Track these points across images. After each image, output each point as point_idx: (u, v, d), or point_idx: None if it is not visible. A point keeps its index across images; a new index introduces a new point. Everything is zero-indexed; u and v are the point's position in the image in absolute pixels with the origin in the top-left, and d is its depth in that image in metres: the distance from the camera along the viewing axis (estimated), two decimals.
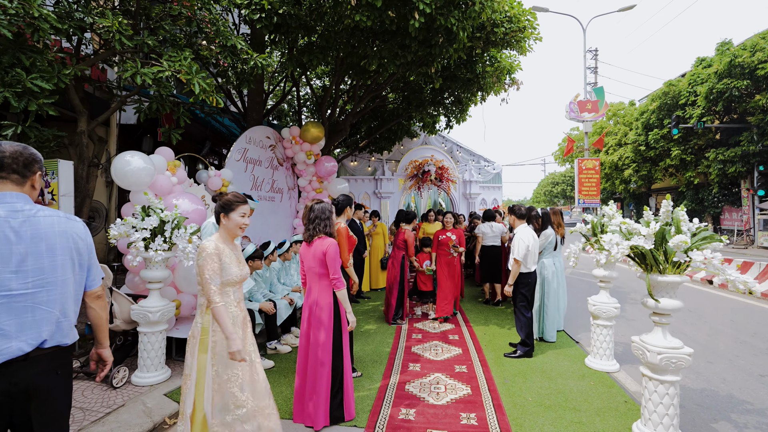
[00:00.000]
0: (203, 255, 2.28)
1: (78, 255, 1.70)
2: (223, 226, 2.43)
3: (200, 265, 2.27)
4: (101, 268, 3.60)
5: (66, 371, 1.68)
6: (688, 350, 2.70)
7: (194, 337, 2.33)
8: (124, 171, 3.80)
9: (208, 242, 2.33)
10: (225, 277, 2.33)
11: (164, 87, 4.20)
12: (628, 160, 23.18)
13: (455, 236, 6.10)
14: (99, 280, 1.82)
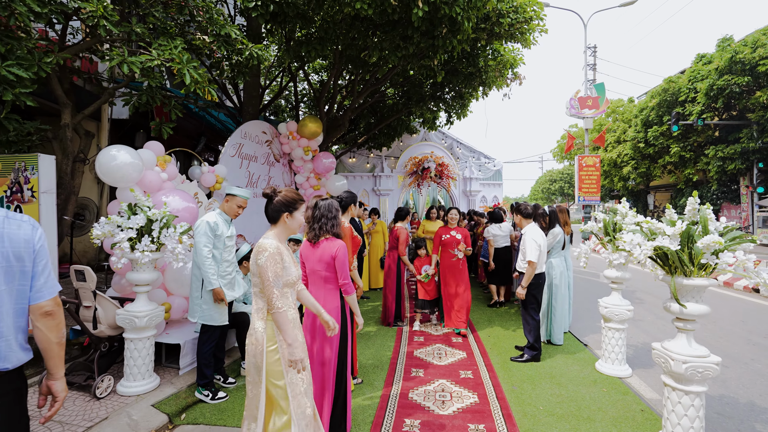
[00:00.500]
0: (265, 255, 2.11)
1: (17, 261, 1.44)
2: (285, 225, 2.29)
3: (262, 266, 2.10)
4: (87, 272, 3.38)
5: (9, 399, 1.43)
6: (716, 359, 2.52)
7: (257, 344, 2.14)
8: (110, 166, 3.57)
9: (269, 241, 2.17)
10: (285, 277, 2.20)
11: (154, 78, 3.96)
12: (627, 157, 23.07)
13: (461, 235, 5.16)
14: (48, 292, 1.52)
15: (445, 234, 5.21)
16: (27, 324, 1.50)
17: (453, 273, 5.18)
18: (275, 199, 2.27)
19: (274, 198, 2.28)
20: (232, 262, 3.64)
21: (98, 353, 3.42)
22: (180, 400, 3.34)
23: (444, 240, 5.20)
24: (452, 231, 5.20)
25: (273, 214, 2.28)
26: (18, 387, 1.47)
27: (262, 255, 2.12)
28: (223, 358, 3.80)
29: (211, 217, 3.45)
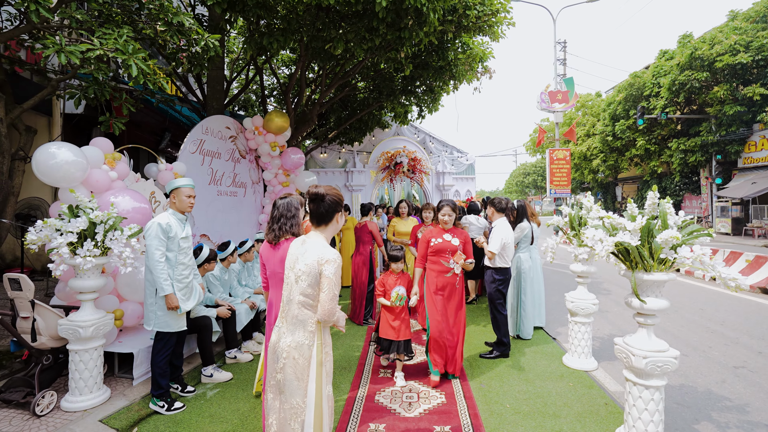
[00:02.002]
0: (334, 267, 1.95)
1: None
2: (336, 225, 2.15)
3: (330, 278, 1.92)
4: (23, 281, 3.11)
5: None
6: (674, 353, 2.54)
7: (302, 357, 1.96)
8: (48, 165, 3.28)
9: (331, 252, 1.99)
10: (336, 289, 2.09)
11: (99, 69, 3.68)
12: (596, 150, 23.72)
13: (460, 240, 3.66)
14: None
15: (436, 238, 3.67)
16: None
17: (448, 295, 3.63)
18: (327, 197, 2.08)
19: (326, 197, 2.09)
20: (189, 265, 3.43)
21: (39, 367, 3.16)
22: (132, 413, 3.13)
23: (434, 247, 3.64)
24: (446, 234, 3.70)
25: (328, 213, 2.10)
26: None
27: (331, 266, 1.93)
28: (180, 365, 3.60)
29: (163, 218, 3.24)
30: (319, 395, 1.94)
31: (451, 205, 3.73)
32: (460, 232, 3.76)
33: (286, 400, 1.96)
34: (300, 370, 1.94)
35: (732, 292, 2.34)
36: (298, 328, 1.99)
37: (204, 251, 4.13)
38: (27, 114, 6.34)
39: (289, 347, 1.97)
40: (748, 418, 3.06)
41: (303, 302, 1.98)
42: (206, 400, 3.41)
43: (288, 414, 1.95)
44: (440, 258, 3.64)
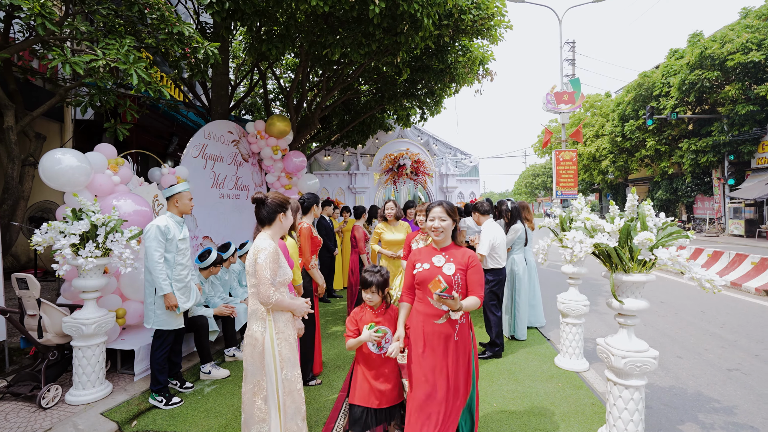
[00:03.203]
0: (264, 254, 2.16)
1: None
2: (280, 224, 2.39)
3: (261, 264, 2.14)
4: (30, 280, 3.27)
5: None
6: (654, 353, 2.57)
7: (256, 344, 2.22)
8: (54, 170, 3.45)
9: (267, 242, 2.22)
10: (281, 276, 2.27)
11: (102, 78, 3.85)
12: (605, 151, 23.47)
13: (457, 267, 2.28)
14: None
15: (422, 262, 2.36)
16: None
17: (441, 352, 2.27)
18: (268, 201, 2.36)
19: (267, 200, 2.36)
20: (187, 265, 3.57)
21: (46, 362, 3.32)
22: (132, 406, 3.27)
23: (419, 275, 2.33)
24: (437, 256, 2.35)
25: (269, 216, 2.36)
26: None
27: (262, 254, 2.17)
28: (179, 362, 3.74)
29: (162, 220, 3.38)
30: (276, 377, 2.19)
31: (446, 207, 2.33)
32: (461, 253, 2.32)
33: (249, 381, 2.22)
34: (257, 354, 2.19)
35: (714, 292, 2.36)
36: (253, 318, 2.25)
37: (212, 255, 4.27)
38: (40, 120, 6.60)
39: (247, 335, 2.26)
40: (735, 419, 3.06)
41: (252, 293, 2.23)
42: (203, 395, 3.54)
43: (250, 392, 2.21)
44: (426, 293, 2.26)
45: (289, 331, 2.29)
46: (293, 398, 2.26)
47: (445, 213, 2.33)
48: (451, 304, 2.04)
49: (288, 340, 2.26)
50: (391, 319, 2.59)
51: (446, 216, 2.33)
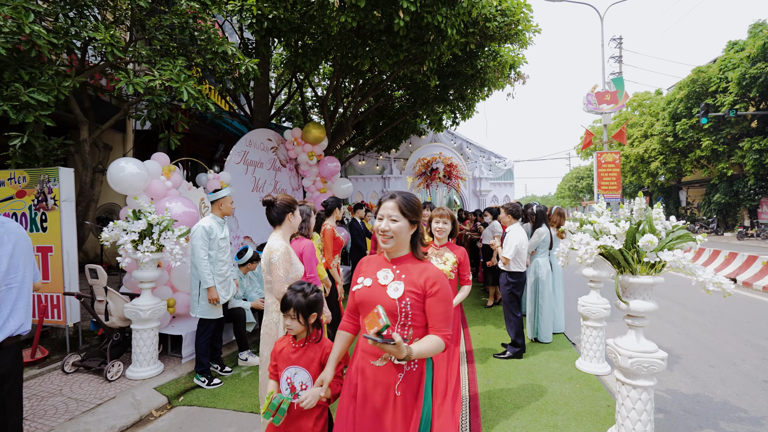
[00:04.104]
0: (277, 254, 2.41)
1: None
2: (290, 224, 2.63)
3: (275, 264, 2.40)
4: (99, 271, 3.82)
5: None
6: (662, 354, 2.60)
7: (272, 333, 2.49)
8: (119, 177, 4.00)
9: (279, 242, 2.47)
10: (293, 273, 2.51)
11: (158, 96, 4.39)
12: (654, 152, 22.17)
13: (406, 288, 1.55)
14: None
15: (365, 276, 1.68)
16: None
17: (373, 409, 1.56)
18: (277, 202, 2.61)
19: (276, 202, 2.62)
20: (227, 261, 3.99)
21: (111, 342, 3.85)
22: (180, 384, 3.71)
23: (359, 293, 1.66)
24: (383, 270, 1.64)
25: (279, 216, 2.61)
26: None
27: (275, 254, 2.42)
28: (220, 348, 4.17)
29: (206, 221, 3.81)
30: None
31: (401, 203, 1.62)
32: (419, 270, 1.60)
33: (263, 366, 2.46)
34: (272, 342, 2.44)
35: (724, 296, 2.36)
36: (269, 311, 2.52)
37: (248, 252, 4.69)
38: (107, 132, 7.46)
39: (264, 325, 2.52)
40: (760, 430, 2.98)
41: (268, 289, 2.48)
42: (240, 379, 3.93)
43: (264, 375, 2.43)
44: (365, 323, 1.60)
45: None
46: None
47: (399, 211, 1.58)
48: (393, 351, 1.37)
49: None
50: (317, 357, 1.92)
51: (399, 215, 1.58)
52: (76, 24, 4.05)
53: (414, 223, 1.65)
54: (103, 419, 3.07)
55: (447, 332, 1.54)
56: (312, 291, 1.98)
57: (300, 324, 1.93)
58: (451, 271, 2.88)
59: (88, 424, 2.98)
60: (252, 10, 4.89)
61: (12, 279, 1.78)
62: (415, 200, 1.68)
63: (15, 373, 1.81)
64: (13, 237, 1.80)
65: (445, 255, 2.95)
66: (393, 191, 1.70)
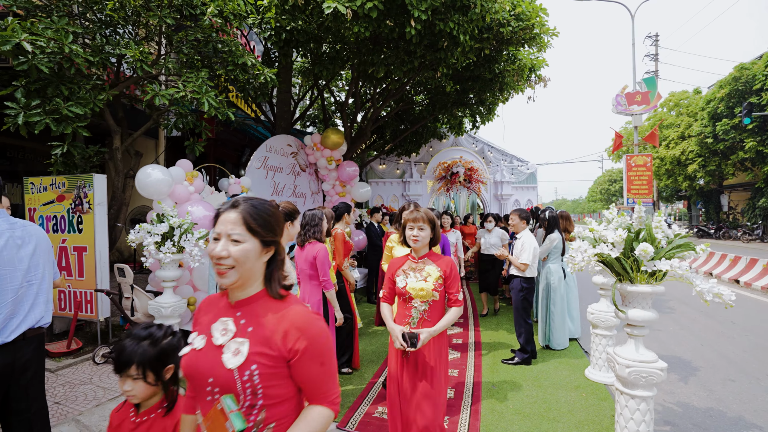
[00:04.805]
0: None
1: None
2: (287, 232, 2.73)
3: None
4: (126, 270, 4.12)
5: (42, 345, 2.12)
6: (661, 365, 2.56)
7: None
8: (145, 182, 4.31)
9: None
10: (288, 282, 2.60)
11: (182, 106, 4.68)
12: (692, 154, 21.09)
13: (280, 348, 1.06)
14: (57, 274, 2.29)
15: (194, 329, 1.23)
16: None
17: None
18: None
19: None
20: None
21: None
22: None
23: (185, 361, 1.15)
24: (228, 318, 1.13)
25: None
26: None
27: None
28: None
29: None
30: None
31: (246, 216, 1.10)
32: (276, 320, 1.10)
33: None
34: None
35: (725, 307, 2.31)
36: None
37: None
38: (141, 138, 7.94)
39: None
40: None
41: None
42: None
43: None
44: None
45: None
46: None
47: (244, 226, 1.08)
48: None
49: None
50: None
51: (245, 233, 1.08)
52: (110, 42, 4.40)
53: (269, 245, 1.11)
54: None
55: (334, 395, 1.11)
56: (165, 334, 1.44)
57: (148, 385, 1.38)
58: (434, 289, 2.25)
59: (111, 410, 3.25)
60: (270, 22, 5.13)
61: (32, 276, 1.98)
62: (270, 209, 1.13)
63: (36, 362, 2.00)
64: (34, 239, 2.01)
65: (425, 269, 2.30)
66: (239, 197, 1.12)
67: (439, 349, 2.31)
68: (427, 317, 2.28)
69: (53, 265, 2.16)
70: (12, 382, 1.91)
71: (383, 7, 4.48)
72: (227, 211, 1.11)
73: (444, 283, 2.30)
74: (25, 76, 3.86)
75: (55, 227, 4.51)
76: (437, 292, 2.27)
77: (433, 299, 2.28)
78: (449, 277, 2.31)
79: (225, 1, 4.60)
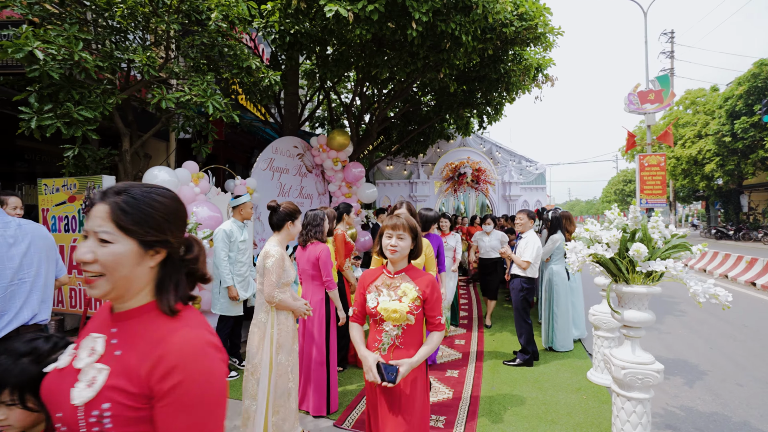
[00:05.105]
0: (272, 260, 2.54)
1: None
2: (288, 231, 2.77)
3: (269, 269, 2.53)
4: None
5: None
6: (658, 366, 2.53)
7: (259, 332, 2.61)
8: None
9: (275, 248, 2.61)
10: (285, 278, 2.64)
11: (188, 109, 4.79)
12: (709, 153, 20.57)
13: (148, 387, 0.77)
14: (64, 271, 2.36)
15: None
16: None
17: None
18: (279, 210, 2.76)
19: (279, 209, 2.76)
20: (246, 263, 4.29)
21: None
22: None
23: (43, 386, 0.88)
24: (101, 336, 0.86)
25: (278, 223, 2.77)
26: None
27: (270, 260, 2.56)
28: (239, 344, 4.46)
29: (227, 225, 4.13)
30: (270, 360, 2.55)
31: (118, 207, 0.84)
32: (153, 340, 0.83)
33: (249, 362, 2.61)
34: (257, 340, 2.59)
35: (723, 309, 2.27)
36: (260, 310, 2.66)
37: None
38: (153, 141, 8.13)
39: (253, 324, 2.65)
40: None
41: (260, 290, 2.62)
42: None
43: (249, 372, 2.59)
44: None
45: (289, 323, 2.67)
46: (284, 380, 2.60)
47: (113, 223, 0.83)
48: None
49: (286, 330, 2.63)
50: None
51: (115, 231, 0.84)
52: (119, 47, 4.53)
53: (153, 246, 0.88)
54: None
55: None
56: (54, 348, 1.15)
57: (27, 412, 1.09)
58: (409, 312, 1.88)
59: None
60: (275, 26, 5.21)
61: (25, 274, 2.01)
62: (155, 199, 0.90)
63: None
64: (28, 237, 2.03)
65: (402, 286, 1.93)
66: (120, 184, 0.90)
67: (414, 377, 1.94)
68: (400, 344, 1.91)
69: (56, 263, 2.21)
70: None
71: (384, 9, 4.51)
72: (97, 202, 0.85)
73: (422, 305, 1.94)
74: (36, 82, 4.00)
75: (66, 227, 4.65)
76: (413, 315, 1.90)
77: (408, 323, 1.92)
78: (429, 299, 1.94)
79: (229, 6, 4.68)
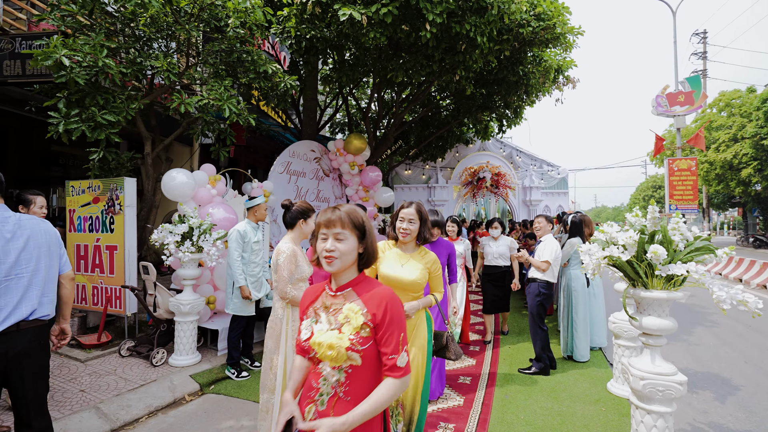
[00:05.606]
0: (283, 257, 2.60)
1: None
2: (300, 229, 2.83)
3: (281, 265, 2.60)
4: (150, 268, 4.34)
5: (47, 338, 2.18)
6: (681, 378, 2.37)
7: (276, 327, 2.67)
8: (170, 185, 4.54)
9: (287, 245, 2.67)
10: (299, 274, 2.69)
11: (207, 113, 4.91)
12: (746, 157, 19.54)
13: None
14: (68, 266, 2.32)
15: None
16: None
17: None
18: (293, 208, 2.81)
19: (292, 208, 2.81)
20: (259, 263, 4.32)
21: (158, 332, 4.35)
22: (212, 374, 4.08)
23: None
24: None
25: (291, 221, 2.82)
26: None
27: (281, 256, 2.62)
28: (251, 344, 4.49)
29: (241, 226, 4.18)
30: (286, 355, 2.57)
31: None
32: None
33: (266, 358, 2.65)
34: (275, 336, 2.60)
35: (753, 316, 2.11)
36: (277, 306, 2.70)
37: None
38: (177, 145, 8.39)
39: (271, 319, 2.68)
40: None
41: (275, 287, 2.65)
42: None
43: (267, 366, 2.63)
44: None
45: None
46: None
47: None
48: None
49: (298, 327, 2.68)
50: None
51: None
52: (142, 54, 4.71)
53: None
54: (142, 398, 3.49)
55: None
56: None
57: None
58: (350, 348, 1.29)
59: (130, 400, 3.41)
60: (291, 32, 5.30)
61: (23, 270, 1.98)
62: None
63: (34, 353, 2.02)
64: (26, 232, 2.02)
65: (344, 308, 1.37)
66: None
67: None
68: (344, 394, 1.30)
69: (59, 258, 2.19)
70: (9, 370, 1.97)
71: (398, 12, 4.51)
72: None
73: (372, 335, 1.32)
74: (65, 88, 4.20)
75: (90, 227, 4.83)
76: (356, 352, 1.29)
77: (353, 364, 1.30)
78: (382, 325, 1.31)
79: (246, 12, 4.79)
